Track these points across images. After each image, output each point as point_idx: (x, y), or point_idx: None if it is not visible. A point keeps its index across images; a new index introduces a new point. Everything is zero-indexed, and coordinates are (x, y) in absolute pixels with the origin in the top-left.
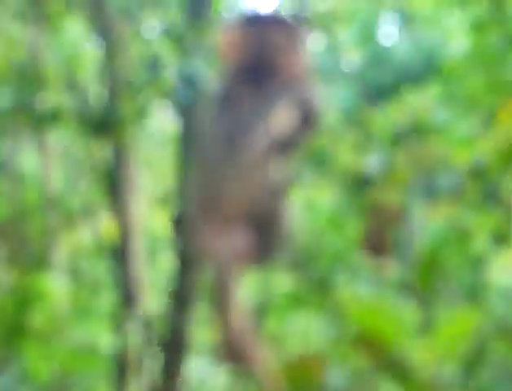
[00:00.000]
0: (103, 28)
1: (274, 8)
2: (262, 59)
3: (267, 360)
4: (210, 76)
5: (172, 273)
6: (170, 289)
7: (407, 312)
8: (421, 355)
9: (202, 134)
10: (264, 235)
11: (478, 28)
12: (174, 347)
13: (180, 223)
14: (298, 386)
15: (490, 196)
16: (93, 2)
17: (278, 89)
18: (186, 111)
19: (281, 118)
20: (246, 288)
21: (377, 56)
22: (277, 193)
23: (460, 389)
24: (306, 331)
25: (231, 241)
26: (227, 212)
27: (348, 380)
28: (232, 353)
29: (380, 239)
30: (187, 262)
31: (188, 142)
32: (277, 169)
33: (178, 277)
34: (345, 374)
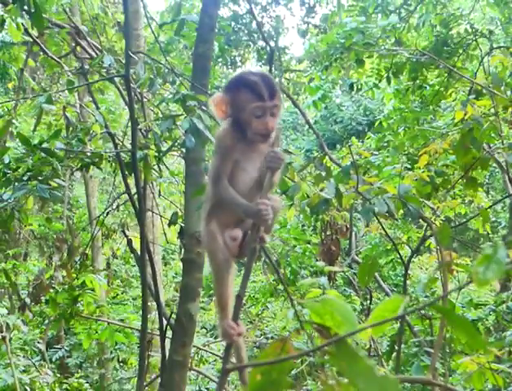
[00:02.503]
0: (131, 96)
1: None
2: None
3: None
4: (210, 129)
5: (181, 272)
6: (180, 284)
7: (351, 301)
8: (361, 334)
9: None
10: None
11: (400, 94)
12: (183, 327)
13: (184, 236)
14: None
15: (413, 216)
16: (124, 79)
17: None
18: (191, 156)
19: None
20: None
21: (331, 114)
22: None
23: (388, 358)
24: (278, 315)
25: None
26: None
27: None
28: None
29: (333, 247)
30: (191, 264)
31: (192, 180)
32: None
33: (185, 275)
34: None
